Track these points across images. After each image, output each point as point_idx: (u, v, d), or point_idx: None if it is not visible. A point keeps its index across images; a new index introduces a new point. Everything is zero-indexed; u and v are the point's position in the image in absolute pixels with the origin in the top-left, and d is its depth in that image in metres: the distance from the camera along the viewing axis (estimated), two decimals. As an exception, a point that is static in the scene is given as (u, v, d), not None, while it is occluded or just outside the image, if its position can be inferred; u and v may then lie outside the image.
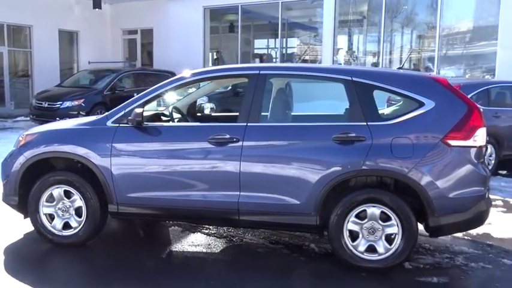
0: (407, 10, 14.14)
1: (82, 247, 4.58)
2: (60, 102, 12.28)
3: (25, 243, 4.80)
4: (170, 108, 4.98)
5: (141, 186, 4.42)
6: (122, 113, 4.51)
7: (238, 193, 4.23)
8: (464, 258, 4.48)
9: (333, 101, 5.21)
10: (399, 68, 9.90)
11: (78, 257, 4.47)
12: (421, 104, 4.06)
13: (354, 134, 4.06)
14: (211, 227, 5.17)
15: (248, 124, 4.25)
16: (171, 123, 4.84)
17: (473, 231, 5.14)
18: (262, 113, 4.38)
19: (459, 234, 5.06)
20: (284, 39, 16.91)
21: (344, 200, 4.09)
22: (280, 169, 4.17)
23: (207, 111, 5.83)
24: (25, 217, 4.77)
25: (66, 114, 11.80)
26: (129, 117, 4.38)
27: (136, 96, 4.63)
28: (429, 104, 4.04)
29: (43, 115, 12.13)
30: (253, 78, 4.37)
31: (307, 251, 4.62)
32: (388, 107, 6.35)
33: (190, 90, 5.72)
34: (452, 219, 4.00)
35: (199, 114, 5.71)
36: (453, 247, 4.76)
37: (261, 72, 4.39)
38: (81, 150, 4.46)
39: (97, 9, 17.04)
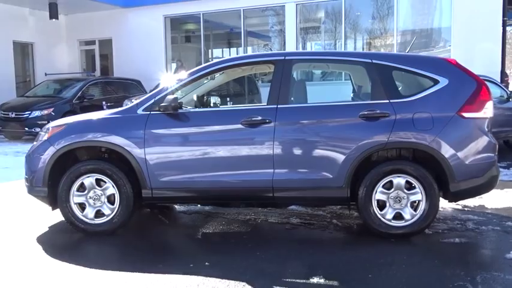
0: (368, 16, 14.92)
1: (112, 235, 4.67)
2: (29, 112, 12.03)
3: (55, 235, 4.83)
4: (195, 97, 5.19)
5: (175, 170, 4.60)
6: (152, 101, 4.69)
7: (272, 171, 4.50)
8: (473, 223, 4.96)
9: (356, 83, 5.60)
10: None
11: (110, 244, 4.55)
12: (436, 82, 4.52)
13: (378, 111, 4.45)
14: (232, 212, 5.40)
15: (278, 106, 4.55)
16: (203, 109, 5.06)
17: (470, 204, 5.66)
18: (290, 96, 4.69)
19: (458, 206, 5.58)
20: (245, 48, 17.30)
21: (372, 172, 4.46)
22: (312, 146, 4.50)
23: (212, 105, 6.07)
24: (53, 209, 4.81)
25: (35, 124, 11.60)
26: (162, 104, 4.56)
27: (163, 86, 4.81)
28: (443, 82, 4.51)
29: (10, 126, 11.84)
30: (279, 64, 4.68)
31: (332, 226, 4.94)
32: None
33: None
34: (471, 184, 4.46)
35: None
36: (459, 216, 5.24)
37: (287, 57, 4.72)
38: (115, 139, 4.59)
39: (53, 20, 16.76)
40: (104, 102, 13.17)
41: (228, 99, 11.95)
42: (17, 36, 16.86)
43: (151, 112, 4.66)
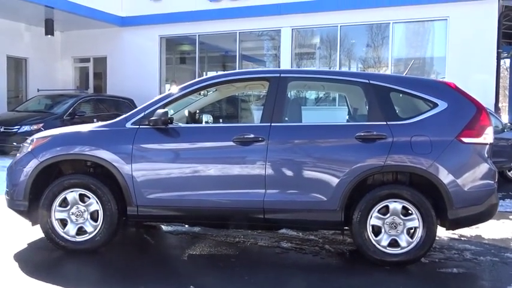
0: (363, 44, 14.95)
1: (93, 253, 4.43)
2: (18, 127, 11.77)
3: (33, 252, 4.57)
4: (186, 112, 5.01)
5: (163, 188, 4.40)
6: (142, 114, 4.52)
7: (263, 191, 4.31)
8: (471, 253, 4.77)
9: (352, 105, 5.46)
10: None
11: (91, 263, 4.30)
12: (434, 105, 4.39)
13: (375, 132, 4.29)
14: (220, 234, 5.17)
15: (272, 124, 4.39)
16: (194, 125, 4.88)
17: (467, 233, 5.48)
18: (285, 114, 4.53)
19: (455, 236, 5.39)
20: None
21: (367, 196, 4.28)
22: (305, 167, 4.32)
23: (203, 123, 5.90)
24: (33, 224, 4.57)
25: (24, 139, 11.29)
26: (152, 118, 4.39)
27: (155, 98, 4.64)
28: (442, 105, 4.38)
29: (-1, 140, 11.61)
30: (274, 81, 4.54)
31: (324, 252, 4.73)
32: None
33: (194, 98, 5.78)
34: (469, 211, 4.28)
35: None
36: (456, 245, 5.05)
37: (282, 75, 4.58)
38: (102, 153, 4.39)
39: (48, 36, 16.64)
40: (95, 120, 12.90)
41: (220, 120, 11.84)
42: (11, 51, 16.69)
43: (141, 126, 4.47)
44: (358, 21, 14.41)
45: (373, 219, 4.28)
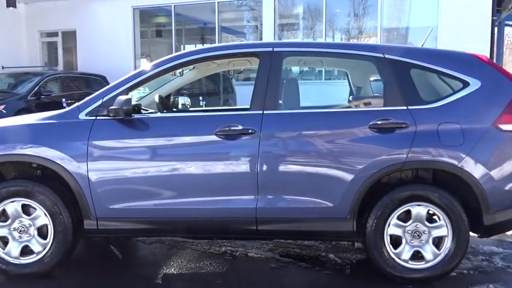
0: (350, 13, 13.92)
1: (43, 278, 3.51)
2: (-24, 109, 10.60)
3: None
4: (157, 98, 4.02)
5: (129, 195, 3.46)
6: (100, 102, 3.54)
7: (255, 197, 3.41)
8: (501, 259, 3.99)
9: (364, 84, 4.51)
10: None
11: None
12: (465, 84, 3.50)
13: (394, 120, 3.40)
14: (202, 242, 4.28)
15: (265, 112, 3.45)
16: (166, 114, 3.90)
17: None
18: (280, 99, 3.60)
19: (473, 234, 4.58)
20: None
21: (385, 199, 3.41)
22: (307, 165, 3.42)
23: (180, 107, 4.93)
24: (-36, 243, 3.60)
25: (-17, 122, 10.16)
26: (111, 107, 3.42)
27: (117, 81, 3.65)
28: (475, 84, 3.49)
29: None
30: (266, 57, 3.58)
31: (329, 263, 3.88)
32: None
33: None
34: (509, 215, 3.45)
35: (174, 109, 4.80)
36: (482, 248, 4.24)
37: (275, 49, 3.62)
38: (46, 152, 3.41)
39: (11, 9, 15.24)
40: (63, 99, 11.79)
41: (199, 100, 10.81)
42: (-31, 25, 15.30)
43: (98, 117, 3.50)
44: (345, -12, 13.41)
45: (392, 228, 3.43)
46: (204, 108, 5.03)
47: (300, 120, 3.50)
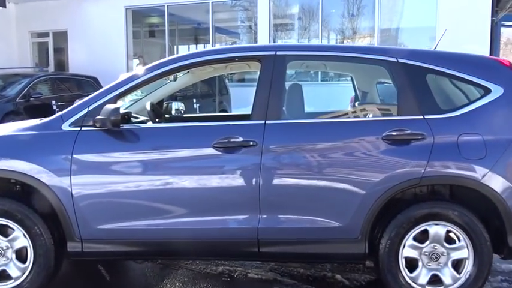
0: (347, 13, 13.58)
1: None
2: (-39, 113, 10.17)
3: None
4: (148, 106, 3.66)
5: (118, 214, 3.11)
6: (85, 111, 3.18)
7: (257, 216, 3.07)
8: (521, 279, 3.66)
9: (372, 90, 4.16)
10: None
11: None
12: (487, 91, 3.17)
13: (410, 131, 3.06)
14: (197, 261, 3.92)
15: (267, 122, 3.11)
16: (158, 124, 3.54)
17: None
18: (283, 107, 3.25)
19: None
20: (214, 45, 15.71)
21: (399, 217, 3.08)
22: (314, 181, 3.08)
23: (173, 112, 4.58)
24: None
25: (-31, 126, 9.73)
26: (98, 117, 3.06)
27: (105, 87, 3.29)
28: (497, 91, 3.16)
29: None
30: (268, 61, 3.23)
31: (336, 285, 3.54)
32: (352, 107, 5.47)
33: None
34: (536, 236, 3.13)
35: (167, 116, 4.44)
36: (499, 266, 3.91)
37: (278, 53, 3.27)
38: (25, 166, 3.05)
39: (0, 9, 14.79)
40: (53, 102, 11.39)
41: (192, 102, 10.41)
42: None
43: (83, 128, 3.14)
44: (342, -13, 13.09)
45: (407, 249, 3.09)
46: (199, 114, 4.64)
47: (306, 131, 3.15)
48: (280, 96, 3.20)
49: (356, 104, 4.21)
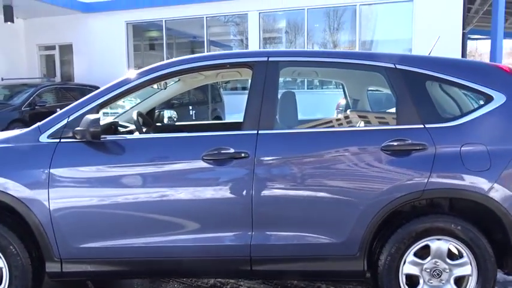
0: (331, 27, 13.13)
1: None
2: (-32, 120, 9.53)
3: None
4: (135, 115, 3.13)
5: (100, 232, 2.57)
6: (65, 122, 2.65)
7: (249, 233, 2.56)
8: (519, 290, 3.17)
9: (366, 99, 3.66)
10: None
11: None
12: (489, 99, 2.68)
13: (410, 141, 2.57)
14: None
15: (260, 132, 2.60)
16: (143, 136, 3.00)
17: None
18: (276, 116, 2.73)
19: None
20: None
21: (399, 232, 2.58)
22: (310, 195, 2.57)
23: (166, 121, 4.05)
24: None
25: (-24, 133, 9.10)
26: (77, 128, 2.53)
27: (87, 96, 2.76)
28: (499, 98, 2.67)
29: None
30: (260, 68, 2.72)
31: (331, 300, 3.04)
32: (338, 114, 4.99)
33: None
34: (543, 251, 2.64)
35: (159, 124, 3.91)
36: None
37: (271, 59, 2.76)
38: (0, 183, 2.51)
39: (9, 24, 14.13)
40: (58, 110, 10.71)
41: (187, 110, 9.88)
42: (-31, 39, 14.16)
43: (62, 140, 2.61)
44: (325, 3, 12.62)
45: (408, 266, 2.60)
46: (190, 122, 4.10)
47: (301, 142, 2.63)
48: (273, 104, 2.69)
49: (348, 111, 3.70)
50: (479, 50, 30.59)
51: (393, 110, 2.96)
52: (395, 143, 2.56)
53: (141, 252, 2.57)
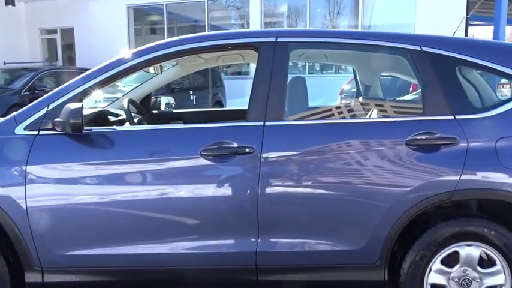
0: (332, 12, 12.57)
1: None
2: (-33, 105, 9.10)
3: None
4: (125, 103, 2.70)
5: (86, 237, 2.18)
6: (44, 111, 2.22)
7: (255, 238, 2.16)
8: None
9: (363, 82, 3.21)
10: None
11: None
12: (528, 86, 2.26)
13: (439, 134, 2.16)
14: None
15: (267, 123, 2.19)
16: (134, 127, 2.57)
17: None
18: (286, 105, 2.31)
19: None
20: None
21: (425, 238, 2.19)
22: (324, 196, 2.17)
23: (163, 107, 3.64)
24: None
25: (-25, 118, 8.67)
26: (58, 119, 2.12)
27: (70, 81, 2.34)
28: (541, 86, 2.25)
29: None
30: (266, 50, 2.29)
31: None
32: (341, 100, 4.57)
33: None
34: None
35: (155, 111, 3.49)
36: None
37: (279, 39, 2.32)
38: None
39: (10, 7, 13.55)
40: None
41: (188, 95, 9.43)
42: (-30, 22, 13.60)
43: (41, 132, 2.19)
44: (327, -12, 12.06)
45: (434, 275, 2.21)
46: (187, 110, 3.68)
47: (313, 135, 2.22)
48: (282, 92, 2.27)
49: (360, 98, 3.27)
50: (476, 37, 30.01)
51: (406, 97, 2.55)
52: (422, 137, 2.15)
53: (134, 260, 2.18)
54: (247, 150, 2.13)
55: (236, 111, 3.49)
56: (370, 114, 2.73)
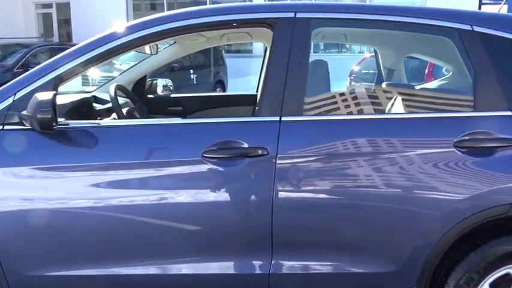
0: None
1: None
2: (-43, 82, 8.61)
3: None
4: (112, 90, 2.26)
5: (61, 255, 1.78)
6: (10, 101, 1.79)
7: (268, 258, 1.77)
8: None
9: (386, 66, 2.75)
10: None
11: None
12: None
13: (496, 135, 1.74)
14: None
15: (283, 119, 1.76)
16: (119, 122, 2.14)
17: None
18: (306, 96, 1.87)
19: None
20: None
21: (472, 257, 1.80)
22: (354, 207, 1.77)
23: (160, 90, 3.20)
24: None
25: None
26: (25, 113, 1.69)
27: (43, 64, 1.91)
28: None
29: None
30: (283, 27, 1.85)
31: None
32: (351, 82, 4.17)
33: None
34: None
35: (151, 96, 3.06)
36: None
37: (299, 15, 1.87)
38: None
39: (4, -20, 12.91)
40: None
41: (188, 75, 8.92)
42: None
43: (6, 127, 1.77)
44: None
45: (480, 301, 1.84)
46: (187, 95, 3.24)
47: (340, 133, 1.80)
48: (303, 79, 1.83)
49: (384, 84, 2.82)
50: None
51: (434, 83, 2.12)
52: (474, 137, 1.73)
53: (121, 283, 1.79)
54: (259, 152, 1.72)
55: (242, 97, 3.06)
56: (393, 104, 2.30)
